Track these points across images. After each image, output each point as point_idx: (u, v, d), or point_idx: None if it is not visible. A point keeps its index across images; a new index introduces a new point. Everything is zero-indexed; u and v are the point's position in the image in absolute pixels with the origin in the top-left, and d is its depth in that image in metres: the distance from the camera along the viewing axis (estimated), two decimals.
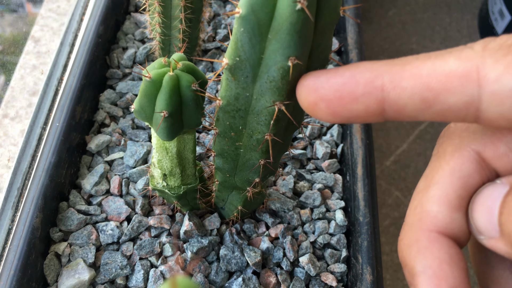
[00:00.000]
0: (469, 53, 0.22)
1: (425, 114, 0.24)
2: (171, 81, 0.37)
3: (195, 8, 0.60)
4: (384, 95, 0.24)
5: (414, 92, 0.23)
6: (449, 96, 0.23)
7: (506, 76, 0.21)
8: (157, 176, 0.49)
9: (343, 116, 0.26)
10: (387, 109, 0.25)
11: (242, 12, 0.30)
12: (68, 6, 0.84)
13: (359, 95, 0.25)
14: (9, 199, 0.55)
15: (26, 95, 0.72)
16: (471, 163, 0.25)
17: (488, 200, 0.22)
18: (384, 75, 0.24)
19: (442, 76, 0.22)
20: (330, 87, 0.26)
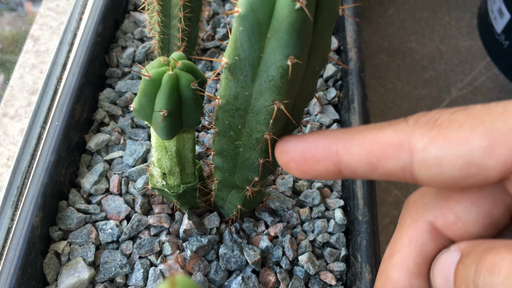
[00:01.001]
0: (403, 126, 0.27)
1: (373, 174, 0.29)
2: (170, 80, 0.37)
3: (194, 7, 0.60)
4: (339, 159, 0.29)
5: (361, 157, 0.28)
6: (388, 161, 0.27)
7: (430, 147, 0.26)
8: (156, 175, 0.49)
9: (310, 174, 0.31)
10: (343, 169, 0.29)
11: (241, 11, 0.30)
12: (67, 5, 0.84)
13: (319, 158, 0.30)
14: (9, 198, 0.55)
15: (26, 94, 0.72)
16: (425, 233, 0.28)
17: (444, 267, 0.25)
18: (338, 142, 0.29)
19: (381, 144, 0.27)
20: (297, 150, 0.31)
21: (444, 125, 0.26)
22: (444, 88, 1.24)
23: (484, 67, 1.29)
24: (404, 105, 1.20)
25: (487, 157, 0.25)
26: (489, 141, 0.25)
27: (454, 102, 1.22)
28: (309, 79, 0.36)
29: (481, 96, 1.23)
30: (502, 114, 0.25)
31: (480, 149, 0.25)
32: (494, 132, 0.25)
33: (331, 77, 0.72)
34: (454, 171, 0.26)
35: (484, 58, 1.31)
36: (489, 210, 0.28)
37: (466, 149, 0.25)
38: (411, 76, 1.25)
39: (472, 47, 1.33)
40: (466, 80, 1.27)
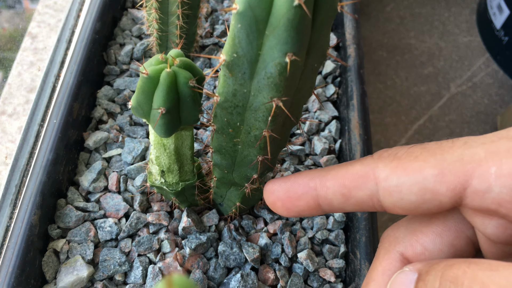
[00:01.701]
0: (369, 160, 0.31)
1: (347, 205, 0.33)
2: (168, 78, 0.37)
3: (192, 3, 0.59)
4: (317, 193, 0.33)
5: (335, 189, 0.32)
6: (357, 191, 0.31)
7: (391, 176, 0.30)
8: (155, 173, 0.49)
9: (294, 211, 0.35)
10: (321, 203, 0.33)
11: (239, 8, 0.30)
12: (65, 2, 0.84)
13: (300, 194, 0.34)
14: (7, 196, 0.55)
15: (24, 92, 0.72)
16: (396, 262, 0.32)
17: (402, 286, 0.27)
18: (316, 178, 0.33)
19: (351, 176, 0.32)
20: (281, 189, 0.35)
21: (403, 157, 0.30)
22: (443, 84, 1.24)
23: (483, 63, 1.29)
24: (403, 101, 1.20)
25: (438, 183, 0.28)
26: (439, 170, 0.28)
27: (453, 98, 1.22)
28: (308, 76, 0.35)
29: (480, 92, 1.23)
30: (450, 148, 0.28)
31: (432, 177, 0.28)
32: (443, 162, 0.28)
33: (330, 73, 0.72)
34: (411, 197, 0.29)
35: (483, 54, 1.31)
36: (452, 241, 0.32)
37: (420, 177, 0.29)
38: (410, 72, 1.25)
39: (471, 43, 1.33)
40: (465, 76, 1.27)
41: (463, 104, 1.21)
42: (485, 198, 0.27)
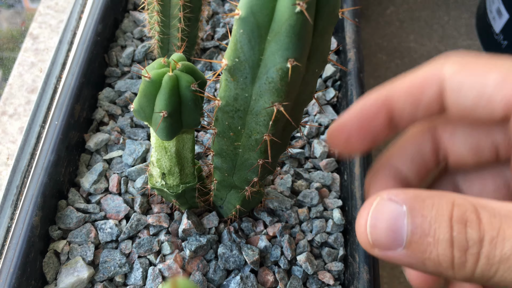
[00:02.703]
0: (436, 62, 0.31)
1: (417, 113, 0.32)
2: (170, 82, 0.37)
3: (194, 7, 0.60)
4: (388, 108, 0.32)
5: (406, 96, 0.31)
6: (426, 92, 0.31)
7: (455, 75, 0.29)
8: (156, 175, 0.49)
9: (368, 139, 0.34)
10: (394, 118, 0.32)
11: (242, 13, 0.30)
12: (66, 3, 0.84)
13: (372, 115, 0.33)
14: (8, 197, 0.55)
15: (25, 93, 0.72)
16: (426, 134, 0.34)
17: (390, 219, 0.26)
18: (383, 95, 0.32)
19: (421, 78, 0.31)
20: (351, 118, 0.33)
21: (471, 61, 0.29)
22: None
23: None
24: None
25: (496, 91, 0.28)
26: (502, 77, 0.27)
27: None
28: (309, 81, 0.36)
29: None
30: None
31: (493, 82, 0.28)
32: (509, 73, 0.27)
33: (330, 77, 0.73)
34: (468, 100, 0.29)
35: None
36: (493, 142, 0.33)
37: (482, 81, 0.28)
38: None
39: (471, 46, 1.33)
40: None
41: None
42: None
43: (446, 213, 0.24)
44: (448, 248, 0.24)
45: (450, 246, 0.24)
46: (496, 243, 0.23)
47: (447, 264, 0.24)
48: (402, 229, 0.25)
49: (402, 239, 0.25)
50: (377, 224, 0.26)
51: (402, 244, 0.25)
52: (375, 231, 0.26)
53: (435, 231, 0.24)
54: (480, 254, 0.24)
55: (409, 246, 0.25)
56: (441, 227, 0.24)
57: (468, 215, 0.24)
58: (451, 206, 0.24)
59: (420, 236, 0.24)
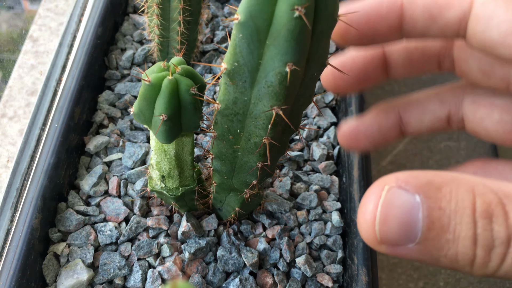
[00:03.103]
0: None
1: (431, 29, 0.31)
2: (170, 85, 0.38)
3: (193, 10, 0.60)
4: (403, 12, 0.31)
5: (425, 8, 0.30)
6: (449, 10, 0.29)
7: (489, 4, 0.28)
8: (155, 178, 0.50)
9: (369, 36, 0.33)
10: (405, 24, 0.31)
11: (241, 18, 0.30)
12: (66, 6, 0.84)
13: (385, 12, 0.32)
14: (8, 199, 0.55)
15: (24, 95, 0.72)
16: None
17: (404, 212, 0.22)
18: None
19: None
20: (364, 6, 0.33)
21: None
22: None
23: None
24: None
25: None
26: None
27: None
28: (307, 84, 0.36)
29: None
30: None
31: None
32: None
33: None
34: (494, 34, 0.27)
35: None
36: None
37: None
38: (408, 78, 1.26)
39: None
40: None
41: None
42: None
43: (468, 205, 0.21)
44: (470, 246, 0.21)
45: (473, 244, 0.21)
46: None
47: (466, 262, 0.22)
48: (416, 224, 0.22)
49: (416, 235, 0.22)
50: (387, 219, 0.22)
51: (415, 240, 0.22)
52: (385, 227, 0.23)
53: (455, 227, 0.21)
54: (507, 254, 0.21)
55: (424, 242, 0.22)
56: (463, 222, 0.21)
57: (494, 209, 0.21)
58: (472, 196, 0.22)
59: (438, 232, 0.22)
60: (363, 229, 0.23)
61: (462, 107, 0.37)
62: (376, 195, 0.23)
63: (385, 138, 0.39)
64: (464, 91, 0.38)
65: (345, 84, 0.36)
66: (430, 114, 0.38)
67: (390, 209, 0.22)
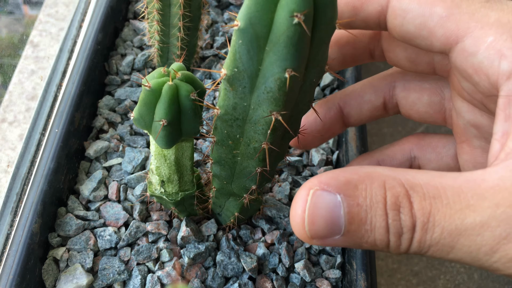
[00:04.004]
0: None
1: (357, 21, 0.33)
2: (170, 91, 0.38)
3: (193, 16, 0.61)
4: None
5: (348, 1, 0.33)
6: (369, 5, 0.32)
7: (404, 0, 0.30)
8: (155, 183, 0.50)
9: None
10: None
11: (241, 25, 0.31)
12: (66, 11, 0.85)
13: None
14: (8, 204, 0.55)
15: (25, 100, 0.72)
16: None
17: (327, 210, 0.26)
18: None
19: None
20: None
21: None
22: None
23: None
24: None
25: (439, 25, 0.29)
26: (448, 13, 0.28)
27: None
28: (307, 90, 0.36)
29: None
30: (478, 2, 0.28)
31: (437, 16, 0.29)
32: (455, 9, 0.28)
33: (328, 85, 0.73)
34: (411, 27, 0.30)
35: None
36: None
37: (428, 11, 0.29)
38: None
39: None
40: None
41: None
42: (467, 61, 0.28)
43: (380, 200, 0.25)
44: (384, 234, 0.25)
45: (386, 232, 0.25)
46: (427, 229, 0.24)
47: (383, 245, 0.26)
48: (339, 220, 0.25)
49: (340, 228, 0.25)
50: (314, 218, 0.26)
51: (340, 233, 0.26)
52: (313, 225, 0.26)
53: (371, 219, 0.25)
54: (413, 239, 0.25)
55: (347, 233, 0.26)
56: (377, 215, 0.25)
57: (401, 200, 0.25)
58: (383, 190, 0.25)
59: (357, 225, 0.25)
60: (295, 230, 0.27)
61: (395, 94, 0.41)
62: (303, 199, 0.26)
63: (330, 131, 0.42)
64: (395, 78, 0.41)
65: None
66: (368, 104, 0.41)
67: (316, 211, 0.26)
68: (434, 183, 0.25)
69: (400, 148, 0.43)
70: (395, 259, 0.92)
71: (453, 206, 0.24)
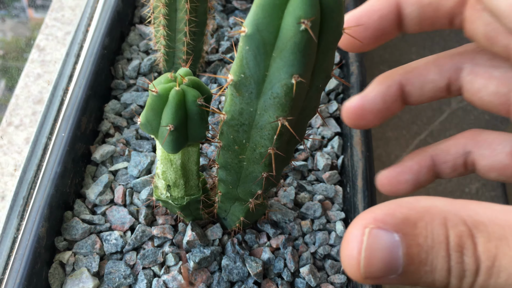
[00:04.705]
0: None
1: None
2: (177, 96, 0.38)
3: (199, 21, 0.61)
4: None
5: None
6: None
7: None
8: (161, 187, 0.50)
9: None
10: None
11: (248, 31, 0.31)
12: (73, 16, 0.85)
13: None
14: (15, 208, 0.56)
15: (31, 104, 0.73)
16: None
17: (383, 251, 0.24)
18: None
19: None
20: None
21: None
22: (444, 100, 1.25)
23: None
24: (404, 117, 1.21)
25: None
26: None
27: (454, 114, 1.23)
28: (313, 96, 0.36)
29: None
30: None
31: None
32: None
33: (333, 90, 0.73)
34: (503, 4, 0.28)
35: None
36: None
37: None
38: None
39: None
40: None
41: (463, 120, 1.22)
42: None
43: (442, 240, 0.24)
44: (445, 276, 0.24)
45: (447, 274, 0.24)
46: (491, 274, 0.23)
47: (442, 286, 0.24)
48: (398, 261, 0.24)
49: (398, 269, 0.24)
50: (372, 260, 0.24)
51: (397, 273, 0.24)
52: (370, 266, 0.25)
53: (432, 261, 0.24)
54: (475, 282, 0.23)
55: (404, 274, 0.24)
56: (439, 256, 0.24)
57: (465, 241, 0.23)
58: (445, 229, 0.24)
59: (417, 266, 0.24)
60: (349, 270, 0.25)
61: (461, 76, 0.38)
62: (358, 240, 0.25)
63: (390, 110, 0.39)
64: (463, 59, 0.38)
65: (363, 40, 0.36)
66: (431, 84, 0.38)
67: (373, 252, 0.24)
68: (499, 222, 0.23)
69: (455, 142, 0.40)
70: None
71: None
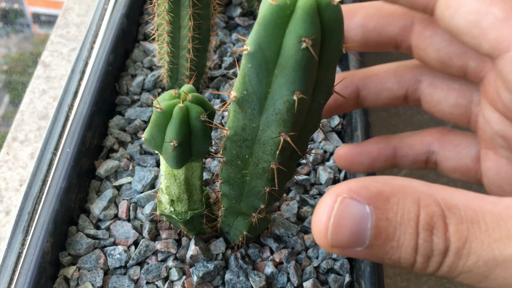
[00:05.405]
0: None
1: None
2: (181, 112, 0.39)
3: (202, 38, 0.62)
4: None
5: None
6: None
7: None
8: (164, 202, 0.50)
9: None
10: None
11: (250, 49, 0.32)
12: (77, 33, 0.87)
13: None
14: (20, 223, 0.56)
15: (36, 119, 0.74)
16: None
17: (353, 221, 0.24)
18: None
19: None
20: None
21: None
22: None
23: None
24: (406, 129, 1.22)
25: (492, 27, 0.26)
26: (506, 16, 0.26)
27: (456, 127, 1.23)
28: (314, 111, 0.37)
29: None
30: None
31: (493, 17, 0.26)
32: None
33: None
34: (462, 22, 0.28)
35: None
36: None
37: (485, 10, 0.27)
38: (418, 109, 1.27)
39: None
40: None
41: None
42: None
43: (412, 217, 0.23)
44: (411, 254, 0.24)
45: (414, 252, 0.23)
46: (460, 255, 0.23)
47: (407, 264, 0.24)
48: (365, 232, 0.24)
49: (365, 241, 0.24)
50: (339, 228, 0.24)
51: (363, 245, 0.24)
52: (337, 234, 0.24)
53: (399, 237, 0.23)
54: (443, 263, 0.23)
55: (371, 247, 0.24)
56: (406, 233, 0.23)
57: (435, 221, 0.23)
58: (417, 208, 0.23)
59: (383, 240, 0.24)
60: (316, 236, 0.25)
61: (419, 88, 0.38)
62: (329, 206, 0.25)
63: (341, 108, 0.41)
64: (423, 71, 0.38)
65: None
66: (388, 91, 0.39)
67: (342, 220, 0.24)
68: (473, 206, 0.23)
69: (421, 139, 0.40)
70: (403, 277, 0.91)
71: (492, 234, 0.22)
